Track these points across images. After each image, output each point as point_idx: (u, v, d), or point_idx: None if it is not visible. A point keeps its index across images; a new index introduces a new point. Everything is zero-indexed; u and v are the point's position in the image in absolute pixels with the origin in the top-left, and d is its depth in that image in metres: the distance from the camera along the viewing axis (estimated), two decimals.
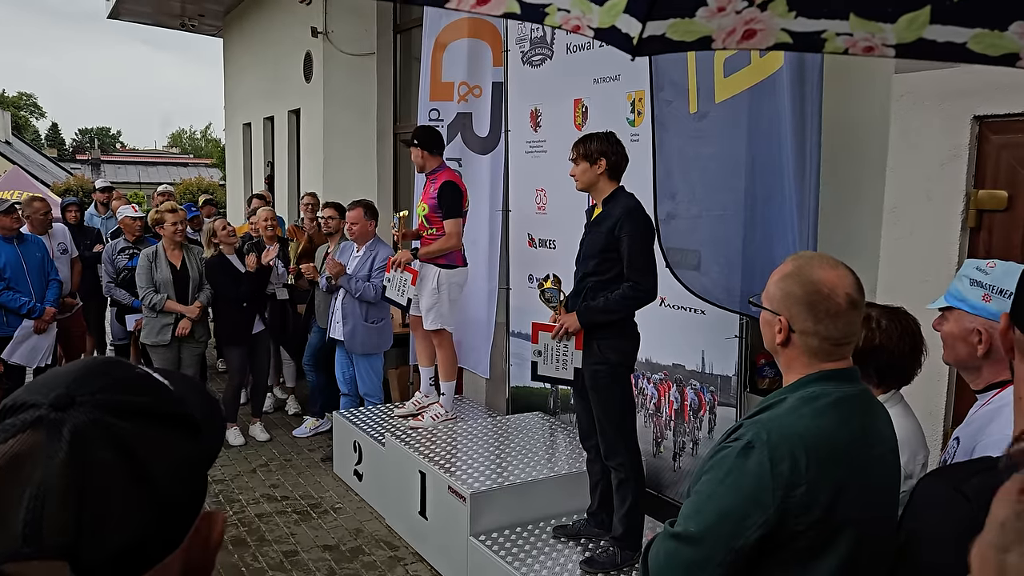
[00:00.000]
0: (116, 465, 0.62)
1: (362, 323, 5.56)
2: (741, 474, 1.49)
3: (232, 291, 5.86)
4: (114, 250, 6.61)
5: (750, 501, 1.48)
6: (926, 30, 1.30)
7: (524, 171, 5.44)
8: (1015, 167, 2.67)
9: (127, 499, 0.62)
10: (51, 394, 0.63)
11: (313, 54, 8.77)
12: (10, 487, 0.60)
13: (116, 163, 33.00)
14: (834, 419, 1.53)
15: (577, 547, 3.84)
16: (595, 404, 3.59)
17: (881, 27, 1.31)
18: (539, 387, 5.47)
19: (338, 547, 4.55)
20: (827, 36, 1.35)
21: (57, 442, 0.61)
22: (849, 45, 1.37)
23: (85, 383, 0.65)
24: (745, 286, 3.59)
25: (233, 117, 12.52)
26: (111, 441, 0.62)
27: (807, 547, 1.49)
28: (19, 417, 0.62)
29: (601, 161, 3.51)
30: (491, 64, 5.70)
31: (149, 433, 0.65)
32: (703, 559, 1.51)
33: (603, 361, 3.55)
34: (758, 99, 3.38)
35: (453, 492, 4.09)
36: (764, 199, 3.44)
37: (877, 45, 1.36)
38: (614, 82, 4.60)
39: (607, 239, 3.46)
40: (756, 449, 1.49)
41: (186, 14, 12.02)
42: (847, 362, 1.61)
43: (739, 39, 1.37)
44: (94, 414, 0.63)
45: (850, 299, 1.54)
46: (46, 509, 0.59)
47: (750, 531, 1.47)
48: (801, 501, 1.46)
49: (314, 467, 5.78)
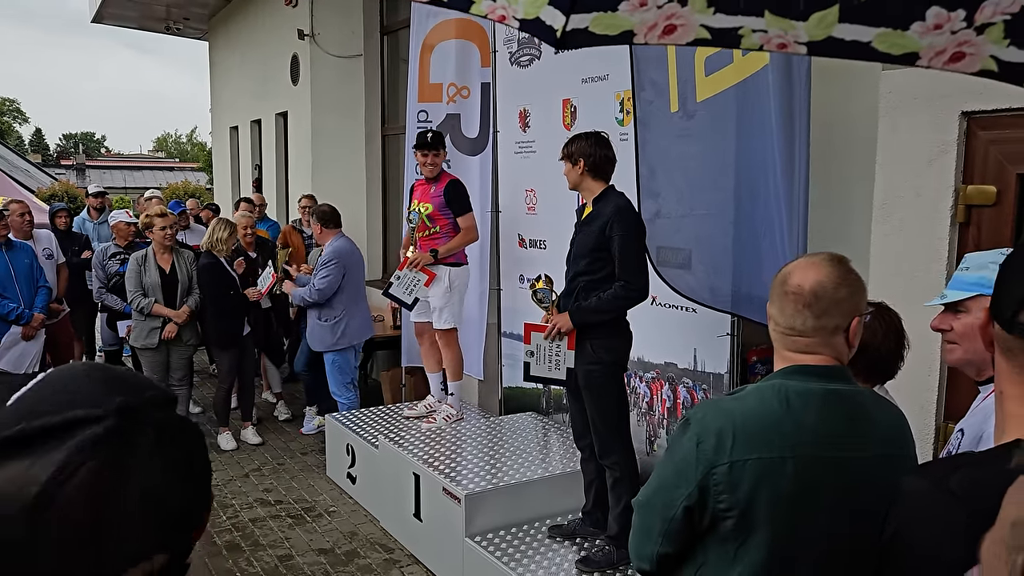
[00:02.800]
0: (183, 457, 0.68)
1: (315, 320, 5.79)
2: (675, 448, 1.57)
3: (223, 294, 5.85)
4: (105, 255, 6.58)
5: (678, 474, 1.54)
6: (835, 28, 1.34)
7: (513, 172, 5.44)
8: (1003, 162, 2.70)
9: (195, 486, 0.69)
10: (109, 404, 0.63)
11: (300, 56, 8.74)
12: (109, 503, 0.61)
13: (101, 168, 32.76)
14: (776, 406, 1.51)
15: (573, 547, 3.85)
16: (589, 404, 3.60)
17: (793, 24, 1.34)
18: (531, 388, 5.47)
19: (333, 551, 4.54)
20: (743, 32, 1.38)
21: (144, 446, 0.64)
22: (764, 42, 1.39)
23: (122, 388, 0.66)
24: (732, 285, 3.60)
25: (220, 120, 12.47)
26: (175, 437, 0.67)
27: (734, 527, 1.50)
28: (90, 432, 0.62)
29: (580, 161, 3.55)
30: (479, 65, 5.70)
31: (182, 422, 0.70)
32: (648, 527, 1.60)
33: (597, 361, 3.56)
34: (744, 97, 3.40)
35: (448, 494, 4.09)
36: (751, 198, 3.45)
37: (790, 42, 1.39)
38: (602, 82, 4.61)
39: (598, 238, 3.48)
40: (691, 426, 1.55)
41: (171, 17, 11.96)
42: (824, 358, 1.56)
43: (660, 34, 1.38)
44: (154, 415, 0.66)
45: (796, 287, 1.54)
46: (152, 510, 0.63)
47: (678, 503, 1.53)
48: (722, 479, 1.48)
49: (307, 471, 5.76)
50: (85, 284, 7.01)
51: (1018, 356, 1.06)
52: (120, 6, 11.33)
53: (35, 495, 0.59)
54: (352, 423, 5.43)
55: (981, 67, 1.43)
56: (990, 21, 1.32)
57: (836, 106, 3.50)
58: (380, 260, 8.69)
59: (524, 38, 5.22)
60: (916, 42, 1.36)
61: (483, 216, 5.70)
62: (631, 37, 1.39)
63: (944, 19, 1.32)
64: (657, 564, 1.59)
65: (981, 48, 1.38)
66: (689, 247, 3.81)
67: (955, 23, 1.32)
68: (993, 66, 1.42)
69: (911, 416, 2.29)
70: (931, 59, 1.41)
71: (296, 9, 8.65)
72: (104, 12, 11.72)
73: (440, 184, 4.91)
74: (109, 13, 11.84)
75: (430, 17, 5.86)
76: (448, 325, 5.03)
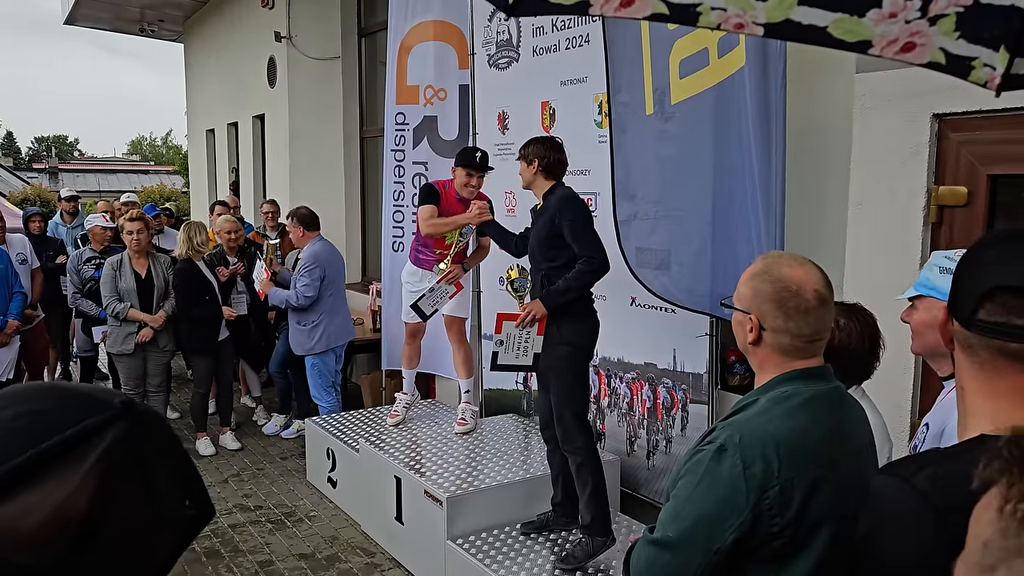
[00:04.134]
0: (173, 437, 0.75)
1: (294, 324, 5.77)
2: (715, 478, 1.50)
3: (199, 299, 5.80)
4: (80, 260, 6.49)
5: (725, 504, 1.48)
6: (793, 11, 1.33)
7: (493, 173, 5.41)
8: (974, 163, 2.75)
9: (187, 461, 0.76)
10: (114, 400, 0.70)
11: (277, 59, 8.69)
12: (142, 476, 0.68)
13: (75, 171, 32.32)
14: (806, 418, 1.53)
15: (555, 547, 3.86)
16: (553, 387, 3.68)
17: (753, 4, 1.34)
18: (512, 388, 5.48)
19: (314, 555, 4.52)
20: (702, 10, 1.36)
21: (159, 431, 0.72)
22: (722, 20, 1.38)
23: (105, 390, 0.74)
24: (708, 287, 3.64)
25: (196, 123, 12.37)
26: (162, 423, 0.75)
27: (783, 547, 1.50)
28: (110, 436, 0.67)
29: (535, 162, 3.74)
30: (456, 67, 5.70)
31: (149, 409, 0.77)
32: (682, 564, 1.52)
33: (564, 343, 3.66)
34: (720, 100, 3.44)
35: (429, 496, 4.09)
36: (727, 199, 3.49)
37: (747, 23, 1.38)
38: (581, 84, 4.63)
39: (549, 228, 3.63)
40: (729, 452, 1.50)
41: (145, 19, 11.85)
42: (819, 360, 1.61)
43: (617, 6, 1.36)
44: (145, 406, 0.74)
45: (818, 295, 1.55)
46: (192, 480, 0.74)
47: (726, 534, 1.48)
48: (775, 502, 1.47)
49: (287, 475, 5.73)
50: (60, 289, 6.92)
51: (978, 352, 1.09)
52: (93, 7, 11.21)
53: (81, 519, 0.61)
54: (332, 427, 5.41)
55: (930, 59, 1.44)
56: (943, 12, 1.33)
57: (811, 108, 3.55)
58: (359, 263, 8.66)
59: (503, 40, 5.23)
60: (870, 30, 1.37)
61: None
62: (587, 7, 1.37)
63: (900, 7, 1.32)
64: None
65: (932, 39, 1.39)
66: (666, 248, 3.84)
67: (910, 12, 1.33)
68: (941, 58, 1.44)
69: (887, 413, 2.33)
70: (883, 47, 1.41)
71: (273, 11, 8.61)
72: (77, 13, 11.58)
73: None
74: (82, 15, 11.71)
75: (408, 19, 5.85)
76: (464, 313, 5.09)
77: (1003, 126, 2.64)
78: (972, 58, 1.43)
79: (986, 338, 1.07)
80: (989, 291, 1.06)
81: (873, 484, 1.14)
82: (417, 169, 5.81)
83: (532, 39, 4.99)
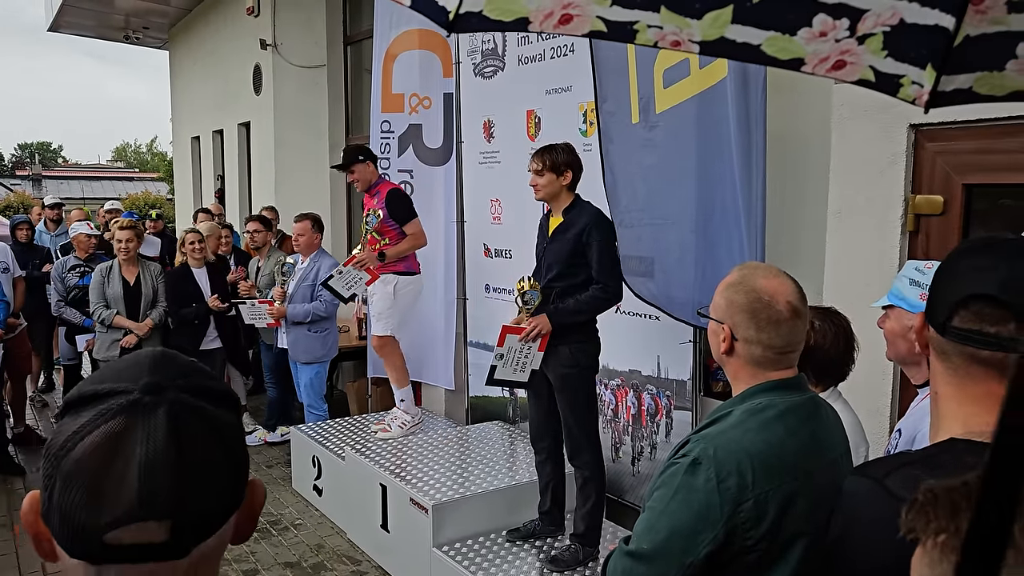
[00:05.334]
0: (204, 437, 0.73)
1: (305, 333, 5.67)
2: (690, 491, 1.50)
3: (184, 306, 5.78)
4: (64, 267, 6.46)
5: (699, 518, 1.49)
6: (727, 29, 1.36)
7: (478, 182, 5.47)
8: (949, 173, 2.80)
9: (214, 466, 0.73)
10: (139, 381, 0.72)
11: (262, 66, 8.69)
12: (115, 461, 0.68)
13: (58, 178, 32.12)
14: (781, 430, 1.54)
15: (540, 554, 3.88)
16: (563, 406, 3.66)
17: (688, 23, 1.36)
18: (498, 396, 5.49)
19: (299, 563, 4.51)
20: (639, 28, 1.38)
21: (156, 420, 0.70)
22: (659, 38, 1.40)
23: (164, 371, 0.75)
24: (689, 295, 3.67)
25: (181, 131, 12.33)
26: (198, 417, 0.73)
27: (757, 560, 1.50)
28: (112, 402, 0.71)
29: (568, 173, 3.59)
30: (441, 75, 5.73)
31: (220, 409, 0.76)
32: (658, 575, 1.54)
33: (574, 364, 3.62)
34: (702, 109, 3.48)
35: (415, 504, 4.09)
36: (709, 208, 3.53)
37: (684, 40, 1.40)
38: (566, 93, 4.67)
39: (574, 245, 3.54)
40: (703, 466, 1.50)
41: (130, 27, 11.82)
42: (793, 371, 1.61)
43: (556, 23, 1.37)
44: (182, 396, 0.73)
45: (791, 307, 1.55)
46: (157, 477, 0.68)
47: (700, 547, 1.49)
48: (749, 515, 1.47)
49: (273, 483, 5.71)
50: (45, 297, 6.88)
51: (951, 358, 1.12)
52: (77, 15, 11.17)
53: (60, 443, 0.70)
54: (318, 435, 5.40)
55: (860, 76, 1.48)
56: (871, 32, 1.37)
57: (791, 118, 3.60)
58: None
59: (488, 49, 5.26)
60: (802, 48, 1.40)
61: (448, 227, 5.73)
62: (526, 24, 1.38)
63: (829, 27, 1.36)
64: None
65: (861, 57, 1.43)
66: (651, 256, 3.87)
67: (839, 31, 1.37)
68: (871, 76, 1.47)
69: (866, 419, 2.37)
70: (815, 65, 1.45)
71: (258, 19, 8.61)
72: (61, 21, 11.54)
73: (381, 195, 4.93)
74: (66, 22, 11.66)
75: (393, 27, 5.88)
76: (384, 331, 5.06)
77: (978, 136, 2.69)
78: (900, 76, 1.47)
79: (959, 345, 1.10)
80: (964, 299, 1.08)
81: (846, 485, 1.16)
82: (403, 177, 5.83)
83: (517, 48, 5.03)
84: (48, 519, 0.71)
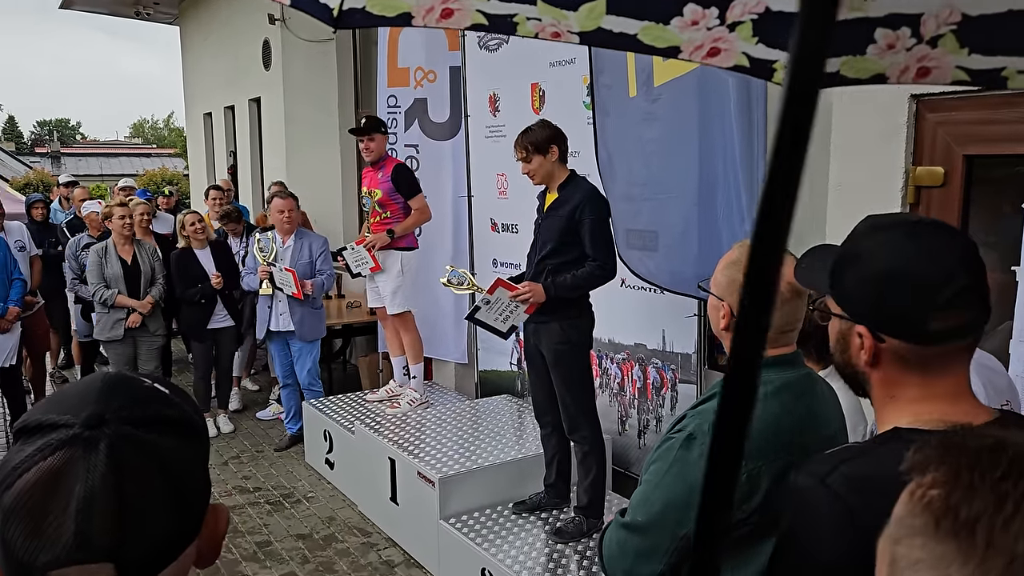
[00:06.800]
0: (148, 472, 0.70)
1: (309, 311, 5.66)
2: (684, 465, 1.53)
3: (190, 287, 5.84)
4: (78, 245, 6.54)
5: (693, 492, 1.48)
6: (603, 20, 1.37)
7: (484, 156, 5.46)
8: (950, 144, 2.76)
9: (158, 501, 0.70)
10: (81, 414, 0.70)
11: (271, 41, 8.67)
12: (53, 500, 0.66)
13: (77, 155, 32.33)
14: (776, 406, 1.55)
15: (546, 526, 3.93)
16: (558, 382, 3.68)
17: (565, 14, 1.37)
18: (507, 370, 5.53)
19: (311, 535, 4.60)
20: (519, 20, 1.39)
21: (95, 456, 0.67)
22: (539, 30, 1.42)
23: (109, 401, 0.71)
24: (692, 269, 3.66)
25: (193, 107, 12.36)
26: (141, 451, 0.70)
27: (749, 533, 1.52)
28: (53, 436, 0.69)
29: (553, 148, 3.58)
30: (447, 49, 5.70)
31: (168, 440, 0.73)
32: (651, 547, 1.56)
33: (566, 340, 3.63)
34: (703, 82, 3.44)
35: (422, 477, 4.15)
36: (711, 182, 3.51)
37: (563, 31, 1.41)
38: (570, 66, 4.63)
39: (567, 223, 3.54)
40: (698, 440, 1.52)
41: (140, 3, 11.79)
42: (791, 348, 1.62)
43: (437, 17, 1.39)
44: (124, 429, 0.70)
45: (792, 287, 1.55)
46: (94, 517, 0.66)
47: (694, 520, 1.52)
48: (742, 490, 1.49)
49: (286, 457, 5.81)
50: (63, 276, 6.98)
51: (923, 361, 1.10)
52: None
53: (3, 477, 0.68)
54: (329, 409, 5.47)
55: (735, 63, 1.49)
56: (740, 20, 1.38)
57: None
58: None
59: None
60: (677, 36, 1.42)
61: (456, 201, 5.73)
62: (409, 19, 1.39)
63: (699, 15, 1.37)
64: None
65: (734, 44, 1.44)
66: (653, 230, 3.86)
67: (709, 20, 1.38)
68: (745, 62, 1.49)
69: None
70: (691, 52, 1.46)
71: None
72: None
73: (387, 169, 4.98)
74: None
75: None
76: (401, 308, 5.13)
77: (978, 106, 2.65)
78: (773, 61, 1.49)
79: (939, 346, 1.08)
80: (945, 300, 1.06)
81: (792, 482, 1.16)
82: (408, 152, 5.83)
83: None
84: None
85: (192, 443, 0.76)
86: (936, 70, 1.44)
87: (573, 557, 3.64)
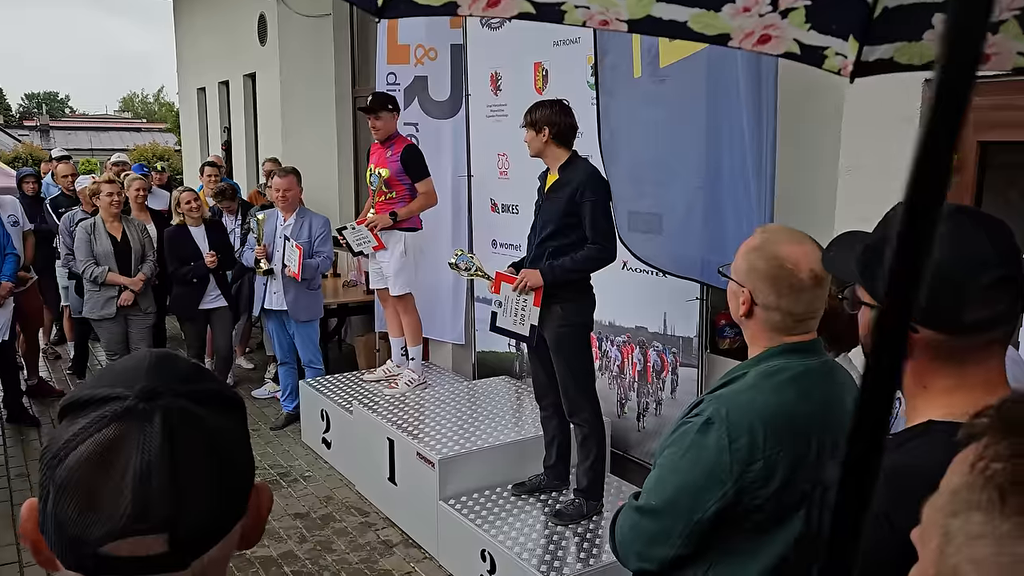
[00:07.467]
0: (199, 445, 0.70)
1: (305, 291, 5.58)
2: (700, 450, 1.52)
3: (183, 265, 5.77)
4: (71, 221, 6.45)
5: (709, 476, 1.51)
6: (653, 7, 1.36)
7: (485, 136, 5.41)
8: (964, 130, 2.74)
9: (212, 475, 0.70)
10: (135, 387, 0.69)
11: (267, 16, 8.55)
12: (109, 471, 0.66)
13: (66, 129, 31.96)
14: (794, 393, 1.54)
15: (545, 507, 3.93)
16: (558, 364, 3.67)
17: (615, 2, 1.36)
18: (505, 351, 5.52)
19: (309, 515, 4.59)
20: (567, 8, 1.38)
21: (151, 428, 0.67)
22: (587, 18, 1.40)
23: (161, 376, 0.71)
24: (697, 252, 3.65)
25: (186, 82, 12.20)
26: (193, 424, 0.70)
27: (764, 520, 1.52)
28: (107, 409, 0.68)
29: (545, 130, 3.57)
30: (448, 26, 5.62)
31: (219, 415, 0.73)
32: (664, 531, 1.56)
33: (567, 323, 3.63)
34: (712, 63, 3.40)
35: (421, 458, 4.14)
36: (718, 165, 3.48)
37: (611, 19, 1.40)
38: (574, 45, 4.58)
39: (567, 205, 3.52)
40: (715, 425, 1.52)
41: None
42: (811, 335, 1.61)
43: (484, 6, 1.37)
44: (178, 402, 0.70)
45: (813, 275, 1.54)
46: (152, 487, 0.66)
47: (708, 505, 1.51)
48: (758, 476, 1.49)
49: (283, 436, 5.79)
50: (52, 251, 6.90)
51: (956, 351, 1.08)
52: None
53: (54, 451, 0.68)
54: (326, 388, 5.45)
55: (786, 49, 1.48)
56: (793, 6, 1.38)
57: (803, 73, 3.50)
58: None
59: None
60: (727, 24, 1.41)
61: (456, 181, 5.68)
62: (455, 8, 1.38)
63: (752, 2, 1.36)
64: (669, 566, 1.58)
65: (786, 31, 1.43)
66: (657, 213, 3.83)
67: (762, 6, 1.37)
68: (796, 49, 1.48)
69: None
70: (741, 40, 1.45)
71: None
72: None
73: (396, 149, 4.92)
74: None
75: None
76: (404, 290, 5.09)
77: (993, 92, 2.63)
78: (825, 48, 1.49)
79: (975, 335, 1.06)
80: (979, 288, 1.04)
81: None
82: (408, 130, 5.76)
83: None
84: (44, 529, 0.68)
85: (237, 419, 0.77)
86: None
87: (572, 539, 3.65)
